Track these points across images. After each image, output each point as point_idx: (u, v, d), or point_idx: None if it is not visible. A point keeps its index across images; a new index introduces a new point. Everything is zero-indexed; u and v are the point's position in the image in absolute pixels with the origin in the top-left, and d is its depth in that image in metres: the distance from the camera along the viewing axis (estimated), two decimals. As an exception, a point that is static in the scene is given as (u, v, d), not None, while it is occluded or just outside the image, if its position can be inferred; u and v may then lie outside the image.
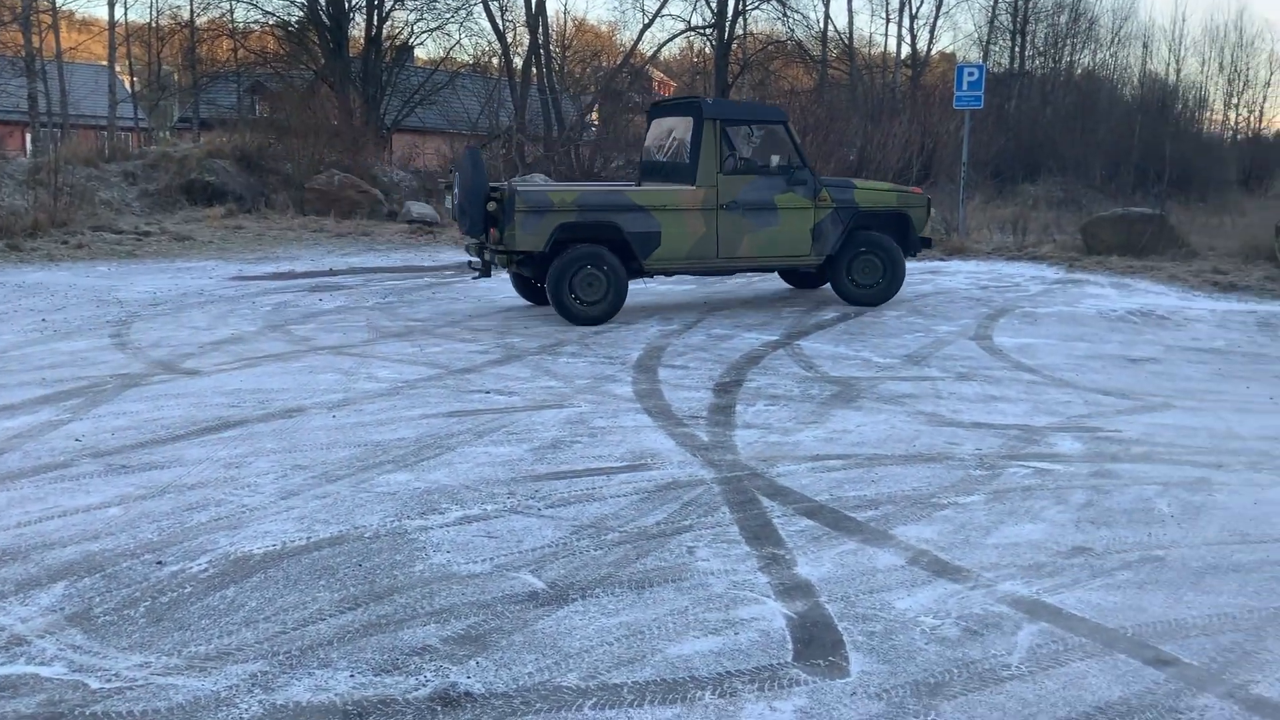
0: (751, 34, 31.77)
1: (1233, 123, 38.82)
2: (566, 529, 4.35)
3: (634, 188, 10.33)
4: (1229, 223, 17.06)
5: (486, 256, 9.42)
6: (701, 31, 30.29)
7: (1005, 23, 33.20)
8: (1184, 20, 78.16)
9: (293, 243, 15.18)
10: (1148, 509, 4.69)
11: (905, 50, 32.66)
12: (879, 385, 7.06)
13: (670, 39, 36.14)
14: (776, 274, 11.58)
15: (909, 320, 9.67)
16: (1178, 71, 36.48)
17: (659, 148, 10.56)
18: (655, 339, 8.62)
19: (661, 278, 10.94)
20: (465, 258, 11.10)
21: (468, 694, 3.06)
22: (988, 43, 33.01)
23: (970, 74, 15.64)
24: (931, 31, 42.75)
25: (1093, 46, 35.03)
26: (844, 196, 10.15)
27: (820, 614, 3.63)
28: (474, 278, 10.19)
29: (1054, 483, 5.05)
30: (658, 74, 40.48)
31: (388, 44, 26.19)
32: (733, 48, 29.44)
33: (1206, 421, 6.18)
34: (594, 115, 26.65)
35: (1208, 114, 36.86)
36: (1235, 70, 38.94)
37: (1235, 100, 39.36)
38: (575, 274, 9.23)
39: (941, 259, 14.60)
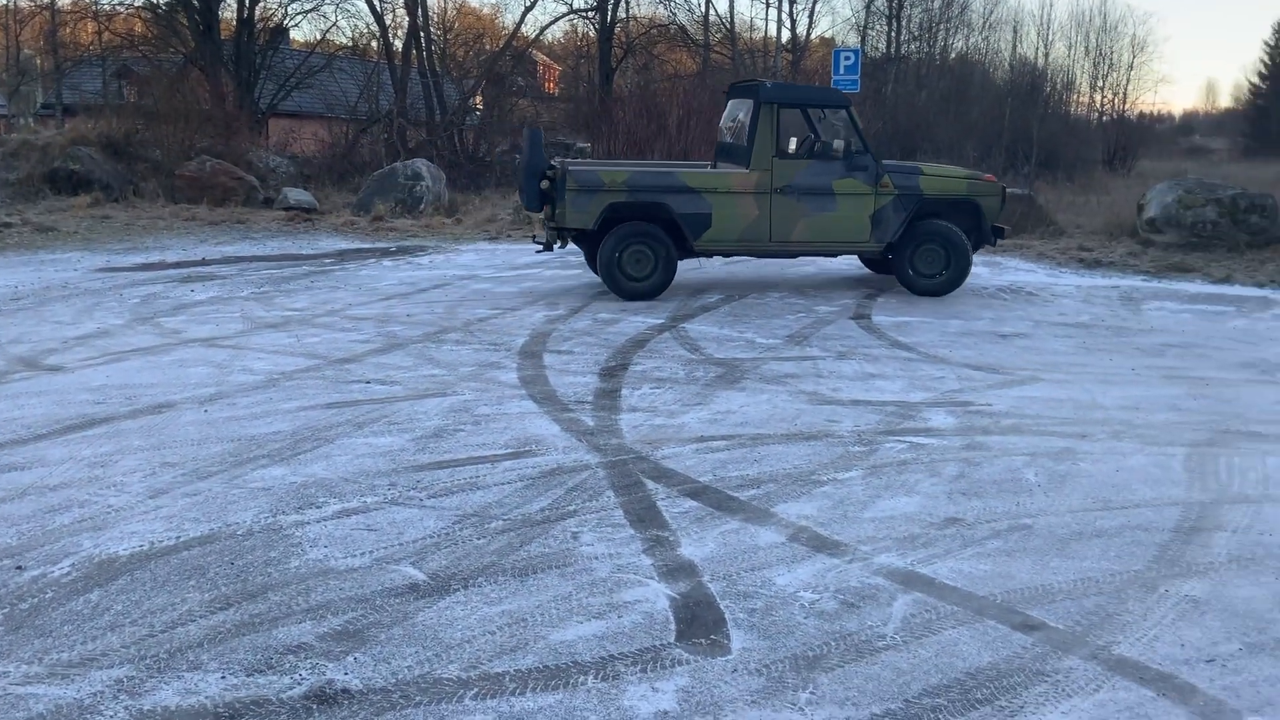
0: (635, 18, 31.80)
1: (1098, 105, 40.41)
2: (449, 519, 4.30)
3: (685, 168, 10.42)
4: (1094, 201, 17.74)
5: (547, 233, 9.85)
6: (584, 15, 30.16)
7: (882, 7, 33.89)
8: (1051, 5, 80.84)
9: (163, 232, 14.63)
10: (1016, 479, 4.86)
11: (786, 35, 33.09)
12: (762, 366, 7.15)
13: (552, 22, 36.02)
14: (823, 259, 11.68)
15: (791, 301, 9.81)
16: (1046, 55, 37.79)
17: (729, 129, 10.56)
18: (541, 325, 8.57)
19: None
20: (345, 245, 10.89)
21: (345, 690, 3.00)
22: (865, 27, 33.68)
23: (847, 58, 15.92)
24: (811, 16, 43.31)
25: (965, 31, 36.03)
26: (907, 183, 9.84)
27: (703, 593, 3.66)
28: (537, 251, 10.70)
29: (928, 456, 5.19)
30: (542, 58, 40.21)
31: (261, 26, 25.38)
32: (616, 31, 29.38)
33: (1072, 393, 6.42)
34: (478, 100, 26.32)
35: (1075, 96, 38.28)
36: (1100, 54, 40.54)
37: (1100, 83, 40.97)
38: (624, 251, 9.62)
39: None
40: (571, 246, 10.36)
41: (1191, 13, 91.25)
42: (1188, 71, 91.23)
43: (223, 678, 3.05)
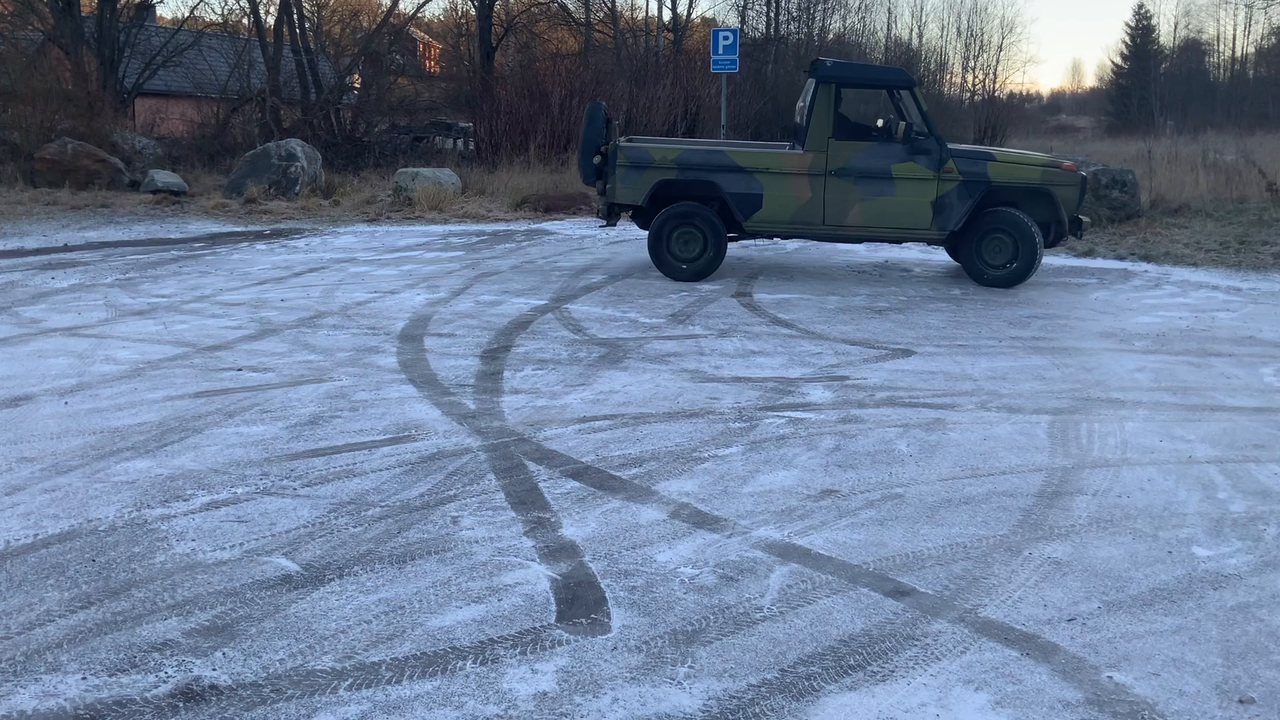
0: (515, -4, 31.42)
1: (970, 85, 41.59)
2: (324, 508, 4.21)
3: (737, 147, 10.20)
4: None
5: (602, 208, 9.94)
6: (463, -7, 29.69)
7: (761, -12, 34.19)
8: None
9: (21, 218, 13.94)
10: (889, 450, 4.98)
11: (667, 14, 33.16)
12: (645, 345, 7.18)
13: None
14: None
15: (674, 280, 9.85)
16: (920, 36, 38.74)
17: (799, 110, 10.28)
18: (422, 308, 8.44)
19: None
20: (216, 228, 10.53)
21: (213, 687, 2.91)
22: (744, 7, 33.96)
23: (725, 38, 16.03)
24: (692, -4, 43.50)
25: (842, 12, 36.65)
26: (974, 169, 9.36)
27: (584, 573, 3.66)
28: (600, 226, 10.64)
29: (806, 431, 5.28)
30: (421, 35, 39.50)
31: (125, 2, 24.32)
32: (495, 9, 29.01)
33: (943, 365, 6.61)
34: (355, 78, 25.72)
35: (948, 76, 39.36)
36: (971, 35, 41.72)
37: (972, 63, 42.19)
38: (673, 230, 9.56)
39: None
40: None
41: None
42: (1054, 52, 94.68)
43: (83, 678, 2.93)
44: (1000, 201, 9.40)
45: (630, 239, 12.83)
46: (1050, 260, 11.28)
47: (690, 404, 5.75)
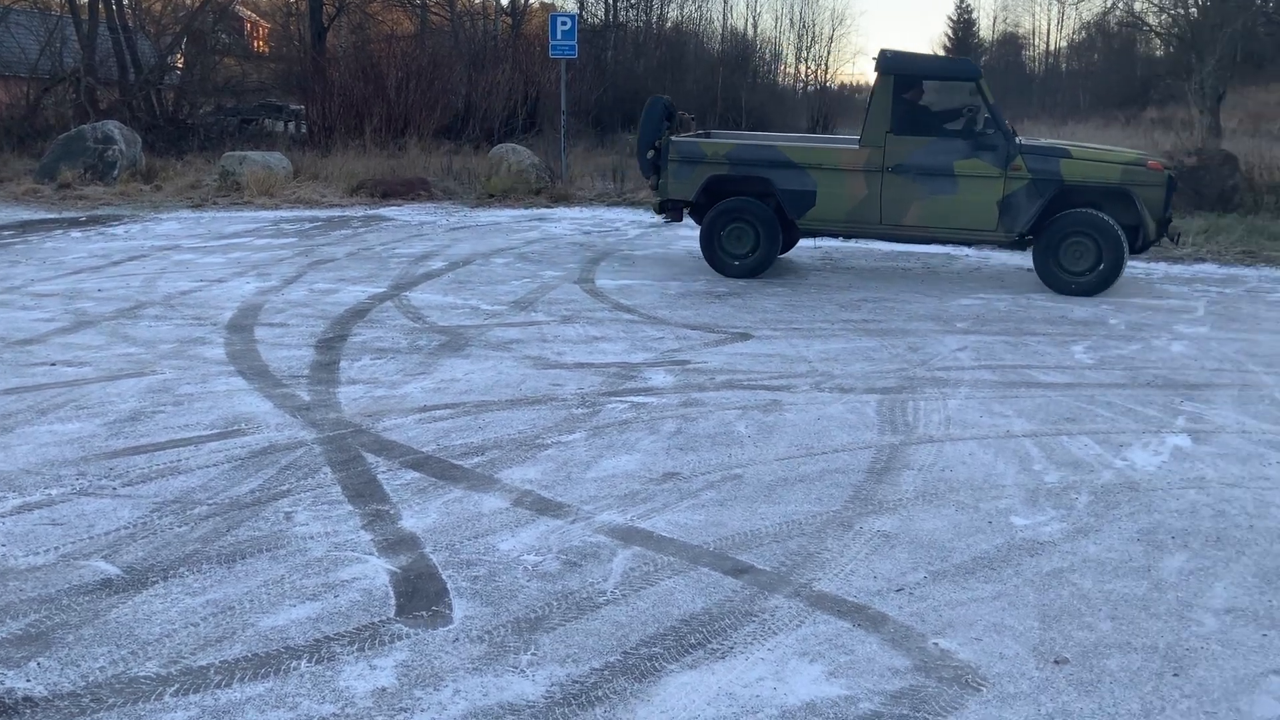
0: (347, -25, 30.49)
1: (803, 75, 42.69)
2: (146, 507, 4.01)
3: (790, 142, 9.74)
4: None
5: (657, 203, 9.63)
6: (292, -30, 28.67)
7: (600, -26, 34.18)
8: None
9: None
10: (729, 432, 5.07)
11: (505, -2, 32.79)
12: (487, 332, 7.10)
13: (258, -23, 33.90)
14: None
15: (517, 267, 9.79)
16: (755, 26, 39.49)
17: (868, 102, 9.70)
18: (251, 297, 8.13)
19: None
20: (27, 215, 9.89)
21: (27, 699, 2.74)
22: (584, -6, 33.85)
23: (563, 23, 15.97)
24: (531, -19, 43.16)
25: (680, 1, 37.01)
26: (1045, 167, 8.67)
27: (425, 565, 3.60)
28: (664, 221, 10.29)
29: (648, 415, 5.32)
30: (249, 14, 37.97)
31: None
32: (327, -12, 28.11)
33: (779, 348, 6.77)
34: (178, 58, 24.54)
35: (782, 67, 40.27)
36: (804, 26, 42.80)
37: (805, 54, 43.28)
38: (724, 226, 9.23)
39: (548, 206, 14.92)
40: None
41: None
42: (882, 44, 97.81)
43: (-125, 702, 2.72)
44: (1075, 202, 8.69)
45: (472, 226, 12.68)
46: (877, 246, 11.66)
47: (533, 391, 5.72)
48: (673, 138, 9.44)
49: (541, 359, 6.42)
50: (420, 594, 3.39)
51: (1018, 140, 8.86)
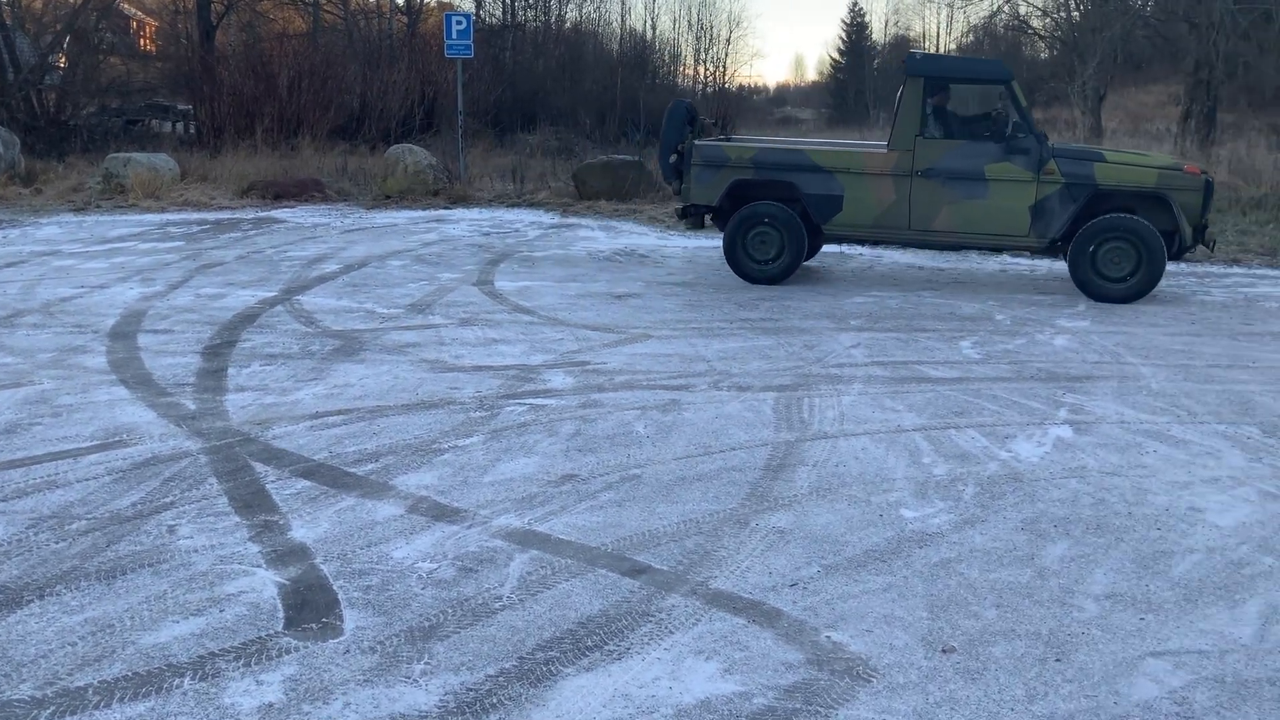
0: (236, -28, 29.73)
1: (702, 76, 43.03)
2: (21, 524, 3.85)
3: (816, 146, 9.46)
4: (700, 167, 18.84)
5: (681, 209, 9.51)
6: (178, -33, 27.86)
7: (497, -26, 33.94)
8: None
9: None
10: (628, 432, 5.08)
11: (401, -3, 32.34)
12: (383, 336, 6.99)
13: (143, -27, 32.86)
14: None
15: (414, 269, 9.66)
16: (654, 28, 39.67)
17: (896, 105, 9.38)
18: (135, 303, 7.87)
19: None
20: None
21: (-114, 732, 2.60)
22: (481, -7, 33.59)
23: (459, 23, 15.82)
24: (426, -21, 42.66)
25: (579, 2, 37.02)
26: (1078, 171, 8.51)
27: (315, 576, 3.52)
28: (686, 227, 10.10)
29: (547, 417, 5.30)
30: (135, 12, 36.76)
31: None
32: (215, -15, 27.37)
33: (678, 348, 6.80)
34: (60, 57, 23.62)
35: (681, 68, 40.54)
36: (702, 28, 43.13)
37: (703, 56, 43.63)
38: (748, 231, 9.01)
39: (446, 207, 14.76)
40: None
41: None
42: (778, 47, 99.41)
43: None
44: (1110, 207, 8.55)
45: (367, 228, 12.47)
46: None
47: (430, 395, 5.65)
48: (696, 141, 9.25)
49: (439, 362, 6.34)
50: (310, 606, 3.32)
51: (1050, 144, 8.77)
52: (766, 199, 9.05)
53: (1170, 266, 10.08)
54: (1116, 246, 8.48)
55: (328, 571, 3.55)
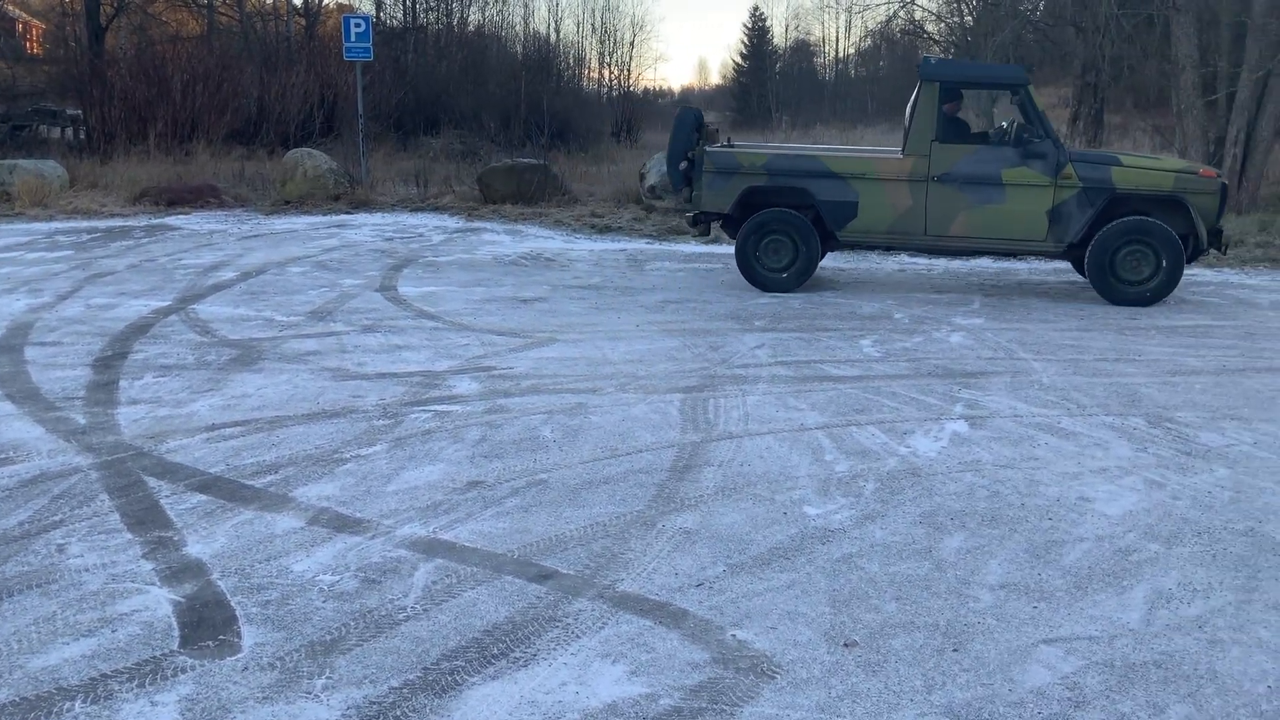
0: (126, -28, 28.85)
1: (607, 80, 43.05)
2: (-104, 548, 3.68)
3: (830, 152, 9.23)
4: (605, 171, 18.90)
5: (690, 216, 9.38)
6: (63, -34, 26.92)
7: (397, -24, 33.51)
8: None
9: None
10: (534, 437, 5.06)
11: (299, -1, 31.72)
12: (282, 344, 6.85)
13: (26, -28, 31.68)
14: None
15: (314, 275, 9.49)
16: (557, 31, 39.57)
17: (910, 112, 9.16)
18: (21, 315, 7.58)
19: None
20: None
21: None
22: (381, -5, 33.13)
23: (357, 25, 15.59)
24: (324, -19, 41.89)
25: (480, 4, 36.71)
26: (1095, 175, 8.49)
27: (212, 592, 3.43)
28: (695, 235, 9.99)
29: (452, 423, 5.25)
30: (21, 14, 35.45)
31: None
32: (104, -14, 26.52)
33: (585, 351, 6.80)
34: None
35: (586, 71, 40.48)
36: (606, 31, 43.19)
37: (608, 59, 43.67)
38: (762, 239, 8.95)
39: (348, 212, 14.53)
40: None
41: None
42: (682, 50, 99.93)
43: None
44: (1126, 211, 8.55)
45: (266, 234, 12.21)
46: (680, 248, 11.89)
47: (331, 404, 5.56)
48: (707, 148, 9.12)
49: (341, 370, 6.24)
50: (206, 623, 3.23)
51: (1066, 148, 8.79)
52: (779, 206, 8.97)
53: (1060, 264, 10.42)
54: (1135, 250, 8.49)
55: (225, 587, 3.47)
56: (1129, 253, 8.53)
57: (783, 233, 8.97)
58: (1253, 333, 7.55)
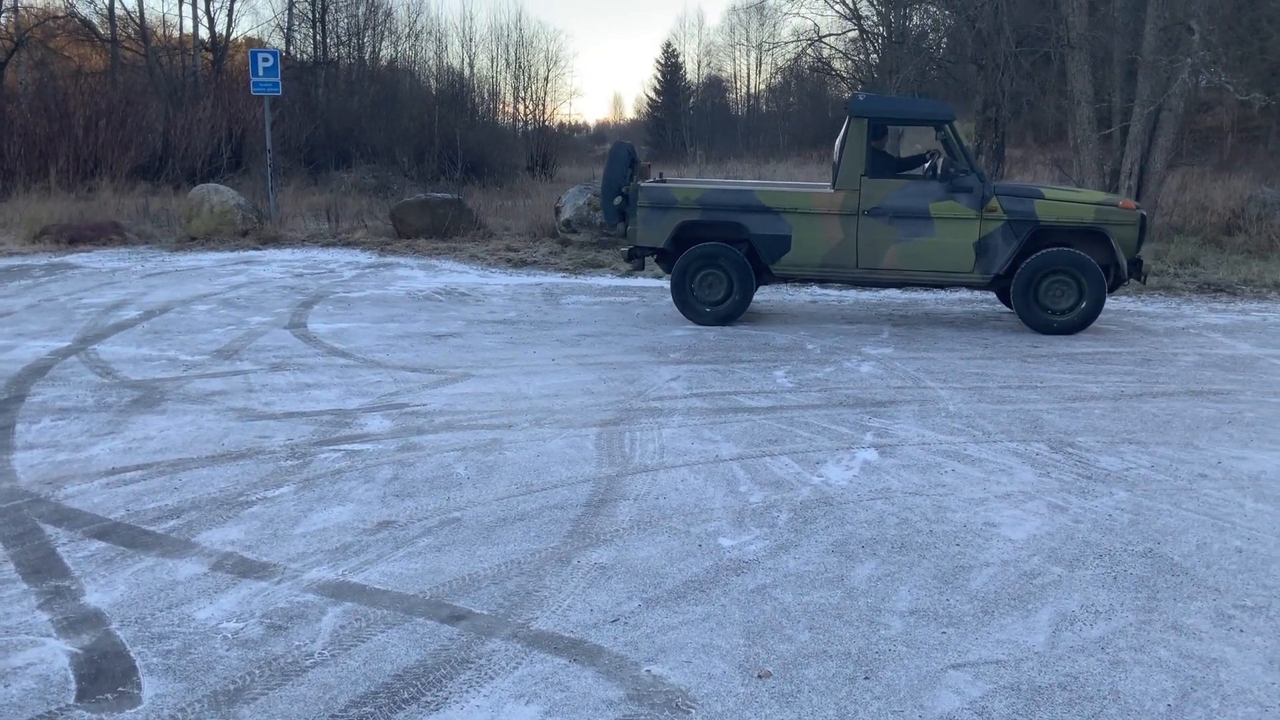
0: (25, 7, 28.19)
1: (522, 114, 43.15)
2: None
3: (763, 186, 9.16)
4: (521, 204, 18.90)
5: (627, 251, 9.44)
6: (-42, -1, 26.18)
7: (305, 10, 33.31)
8: (472, 18, 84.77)
9: None
10: (448, 475, 5.00)
11: (205, 33, 31.29)
12: (186, 385, 6.69)
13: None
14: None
15: (220, 313, 9.29)
16: (471, 66, 39.60)
17: (839, 147, 9.18)
18: (-91, 358, 7.28)
19: None
20: None
21: None
22: (290, 29, 32.88)
23: (265, 59, 15.40)
24: (230, 15, 41.44)
25: (392, 38, 36.60)
26: (1020, 208, 8.68)
27: (111, 643, 3.32)
28: (626, 271, 9.90)
29: (363, 462, 5.17)
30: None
31: None
32: (3, 21, 25.87)
33: (500, 387, 6.76)
34: None
35: (501, 106, 40.55)
36: (520, 66, 43.34)
37: (523, 94, 43.80)
38: (696, 273, 9.03)
39: (256, 248, 14.28)
40: None
41: (596, 32, 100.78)
42: (597, 85, 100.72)
43: None
44: (1050, 243, 8.78)
45: (170, 271, 11.93)
46: (596, 280, 11.92)
47: (237, 445, 5.43)
48: (641, 184, 9.19)
49: (247, 410, 6.11)
50: (105, 675, 3.12)
51: (991, 181, 8.99)
52: (713, 240, 9.06)
53: (965, 294, 10.69)
54: (1059, 280, 8.71)
55: (124, 637, 3.35)
56: (1053, 283, 8.73)
57: (717, 266, 9.05)
58: (1149, 359, 7.82)
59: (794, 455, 5.34)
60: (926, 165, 8.91)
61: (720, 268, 9.05)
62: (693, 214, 9.07)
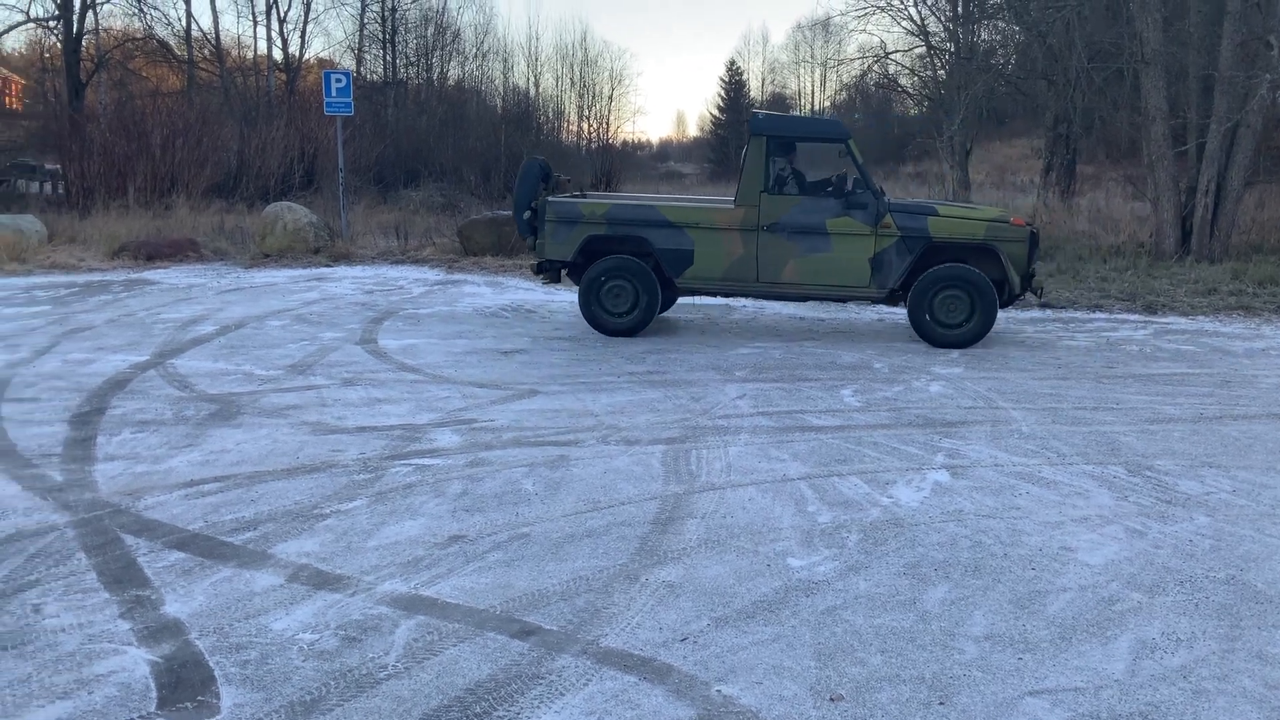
0: (106, 29, 29.07)
1: (586, 133, 43.43)
2: None
3: (667, 202, 9.52)
4: (585, 222, 18.98)
5: (538, 265, 9.66)
6: (45, 24, 27.11)
7: (376, 32, 33.91)
8: (538, 39, 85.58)
9: None
10: (516, 490, 5.04)
11: (279, 54, 32.01)
12: (261, 399, 6.82)
13: (7, 30, 31.83)
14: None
15: (294, 329, 9.47)
16: (536, 85, 39.98)
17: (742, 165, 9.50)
18: (-3, 370, 7.52)
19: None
20: None
21: None
22: (360, 50, 33.48)
23: (338, 80, 15.71)
24: (303, 37, 42.28)
25: (460, 59, 37.09)
26: (913, 224, 8.92)
27: (190, 652, 3.39)
28: (541, 283, 10.22)
29: (433, 477, 5.22)
30: (1, 70, 35.65)
31: None
32: (85, 43, 26.68)
33: (567, 403, 6.80)
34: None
35: (565, 124, 40.84)
36: (584, 85, 43.64)
37: (587, 112, 44.08)
38: (603, 285, 9.23)
39: (328, 265, 14.54)
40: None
41: (660, 51, 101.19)
42: (660, 104, 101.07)
43: None
44: (945, 258, 9.00)
45: (245, 287, 12.19)
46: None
47: (311, 458, 5.52)
48: (549, 198, 9.42)
49: (320, 424, 6.21)
50: (185, 684, 3.18)
51: (886, 199, 9.13)
52: (620, 253, 9.29)
53: (1037, 314, 10.52)
54: (951, 295, 8.90)
55: (203, 647, 3.42)
56: (946, 297, 8.91)
57: (623, 279, 9.27)
58: (1228, 380, 7.63)
59: (863, 475, 5.29)
60: (833, 183, 9.10)
61: (626, 280, 9.27)
62: (599, 228, 9.32)
